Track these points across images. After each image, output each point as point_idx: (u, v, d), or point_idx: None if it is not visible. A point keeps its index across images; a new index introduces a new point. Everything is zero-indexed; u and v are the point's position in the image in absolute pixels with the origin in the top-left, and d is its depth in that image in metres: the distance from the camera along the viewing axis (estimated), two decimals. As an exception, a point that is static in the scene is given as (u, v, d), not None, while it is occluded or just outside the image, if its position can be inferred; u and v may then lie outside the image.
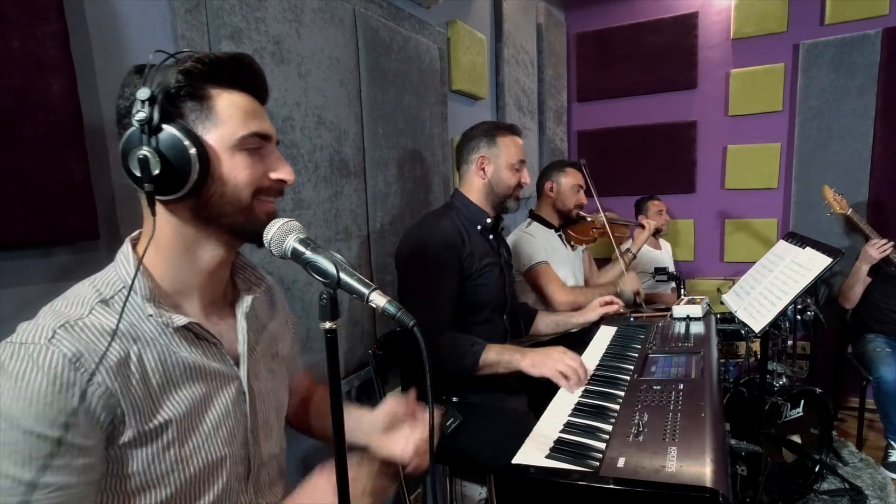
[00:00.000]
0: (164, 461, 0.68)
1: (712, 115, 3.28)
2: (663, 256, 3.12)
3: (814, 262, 1.56)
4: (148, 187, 0.64)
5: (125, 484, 0.66)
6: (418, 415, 0.88)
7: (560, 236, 2.30)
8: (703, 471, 0.82)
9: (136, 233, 0.75)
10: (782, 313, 1.59)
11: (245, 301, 0.81)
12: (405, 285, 1.51)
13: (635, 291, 2.03)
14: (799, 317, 2.40)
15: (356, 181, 1.65)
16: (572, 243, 2.34)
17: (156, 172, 0.64)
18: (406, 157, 1.90)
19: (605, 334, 1.66)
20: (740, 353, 2.43)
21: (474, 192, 1.62)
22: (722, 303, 1.89)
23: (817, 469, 2.18)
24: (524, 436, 1.01)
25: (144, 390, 0.66)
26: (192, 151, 0.65)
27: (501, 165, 1.59)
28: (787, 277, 1.62)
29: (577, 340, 1.78)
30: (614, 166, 3.48)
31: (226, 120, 0.68)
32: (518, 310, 1.83)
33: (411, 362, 1.57)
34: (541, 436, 1.02)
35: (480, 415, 1.44)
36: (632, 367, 1.32)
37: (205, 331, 0.73)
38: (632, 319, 1.80)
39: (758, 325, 1.57)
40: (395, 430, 0.87)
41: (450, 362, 1.38)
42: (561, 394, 1.24)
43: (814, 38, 2.94)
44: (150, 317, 0.68)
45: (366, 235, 1.71)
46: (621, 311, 1.83)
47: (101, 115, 1.00)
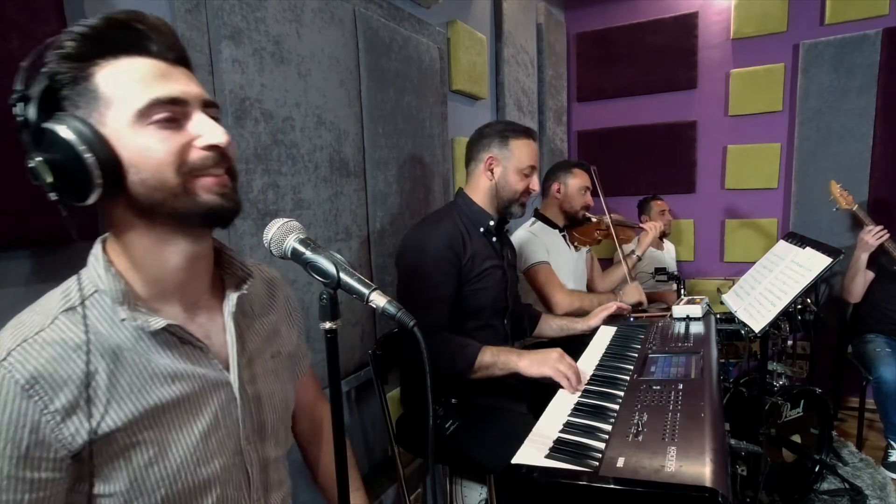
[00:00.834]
0: (149, 478, 0.63)
1: (712, 115, 3.28)
2: (665, 257, 3.12)
3: (814, 262, 1.56)
4: (53, 196, 0.57)
5: (109, 501, 0.62)
6: None
7: (564, 237, 2.30)
8: (702, 471, 0.82)
9: (107, 233, 0.69)
10: (782, 313, 1.59)
11: (231, 299, 0.74)
12: (403, 286, 1.51)
13: (636, 303, 2.00)
14: (799, 317, 2.40)
15: (356, 181, 1.65)
16: (576, 244, 2.33)
17: (50, 181, 0.56)
18: (406, 157, 1.90)
19: (604, 334, 1.66)
20: (740, 353, 2.43)
21: (479, 193, 1.59)
22: (722, 303, 1.89)
23: (817, 469, 2.18)
24: (524, 436, 1.01)
25: (117, 408, 0.61)
26: (83, 150, 0.56)
27: (510, 169, 1.56)
28: (787, 277, 1.62)
29: (577, 340, 1.78)
30: (614, 166, 3.48)
31: (116, 94, 0.58)
32: (522, 311, 1.83)
33: (411, 363, 1.57)
34: (540, 436, 1.02)
35: (480, 416, 1.44)
36: (631, 367, 1.32)
37: (188, 333, 0.67)
38: (632, 319, 1.80)
39: (758, 326, 1.57)
40: None
41: (444, 364, 1.37)
42: (561, 394, 1.24)
43: (814, 38, 2.94)
44: (122, 321, 0.62)
45: (366, 235, 1.71)
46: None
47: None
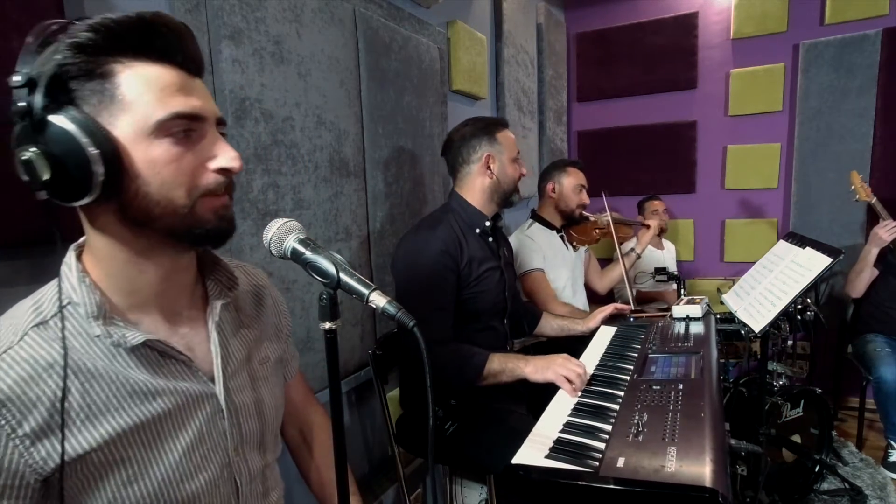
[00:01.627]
0: (128, 498, 0.59)
1: (712, 115, 3.28)
2: (665, 257, 3.12)
3: (814, 262, 1.56)
4: (42, 195, 0.53)
5: None
6: None
7: (561, 237, 2.30)
8: (702, 471, 0.82)
9: (81, 239, 0.64)
10: (782, 313, 1.59)
11: (215, 308, 0.71)
12: (401, 297, 1.48)
13: (631, 311, 1.93)
14: (799, 317, 2.40)
15: (356, 181, 1.65)
16: (574, 244, 2.33)
17: (46, 178, 0.52)
18: (406, 157, 1.90)
19: (604, 334, 1.66)
20: (740, 353, 2.43)
21: (475, 193, 1.59)
22: (722, 303, 1.88)
23: (817, 469, 2.18)
24: (524, 436, 1.01)
25: (91, 428, 0.58)
26: (88, 143, 0.52)
27: (505, 161, 1.57)
28: (787, 277, 1.62)
29: (577, 340, 1.78)
30: (614, 166, 3.48)
31: (136, 100, 0.55)
32: (521, 310, 1.83)
33: (411, 363, 1.57)
34: (540, 436, 1.02)
35: (480, 416, 1.44)
36: (631, 367, 1.32)
37: (169, 347, 0.63)
38: (632, 319, 1.80)
39: (758, 326, 1.57)
40: None
41: (453, 376, 1.36)
42: (561, 394, 1.24)
43: (814, 38, 2.94)
44: (97, 337, 0.59)
45: (366, 235, 1.71)
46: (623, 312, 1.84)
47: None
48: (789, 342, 2.49)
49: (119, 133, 0.55)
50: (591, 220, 2.31)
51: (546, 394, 1.26)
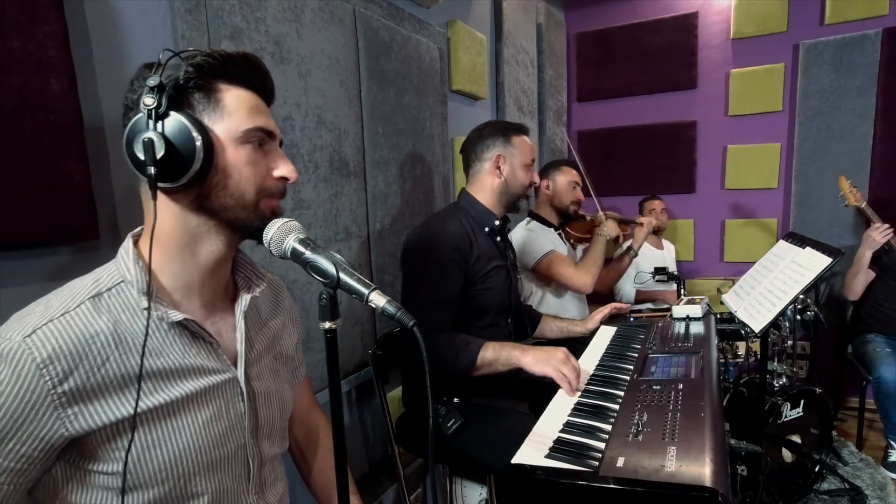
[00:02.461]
0: (152, 461, 0.67)
1: (712, 115, 3.28)
2: (665, 257, 3.12)
3: (814, 262, 1.56)
4: (151, 171, 0.64)
5: (113, 482, 0.66)
6: None
7: (560, 235, 2.31)
8: (702, 470, 0.82)
9: (137, 229, 0.74)
10: (782, 313, 1.59)
11: (244, 299, 0.79)
12: (407, 286, 1.51)
13: (631, 311, 1.97)
14: (799, 317, 2.40)
15: (356, 181, 1.65)
16: (572, 241, 2.34)
17: (160, 155, 0.64)
18: (406, 157, 1.90)
19: (604, 334, 1.66)
20: (740, 353, 2.43)
21: (485, 193, 1.60)
22: (722, 303, 1.89)
23: (817, 469, 2.18)
24: (524, 436, 1.01)
25: (123, 395, 0.65)
26: (197, 138, 0.65)
27: (517, 165, 1.59)
28: (787, 277, 1.62)
29: (577, 340, 1.78)
30: (614, 166, 3.48)
31: (232, 113, 0.69)
32: (522, 311, 1.83)
33: (411, 362, 1.57)
34: (540, 436, 1.02)
35: (481, 415, 1.44)
36: (631, 367, 1.32)
37: (202, 329, 0.72)
38: (632, 319, 1.80)
39: (758, 326, 1.57)
40: None
41: (447, 363, 1.37)
42: (561, 393, 1.24)
43: (814, 38, 2.94)
44: (144, 310, 0.67)
45: (366, 235, 1.71)
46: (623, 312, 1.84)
47: (101, 115, 1.00)
48: (789, 342, 2.49)
49: (217, 133, 0.68)
50: (588, 218, 2.33)
51: (547, 393, 1.26)
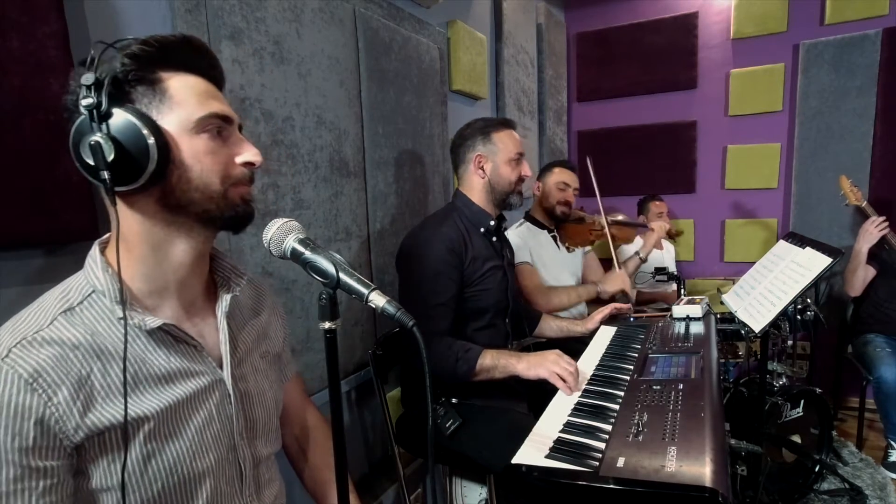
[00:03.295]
0: (147, 472, 0.65)
1: (712, 115, 3.28)
2: (665, 257, 3.12)
3: (814, 262, 1.56)
4: (104, 175, 0.60)
5: (107, 495, 0.64)
6: None
7: (554, 237, 2.28)
8: (702, 471, 0.82)
9: (105, 236, 0.71)
10: (782, 313, 1.59)
11: (224, 300, 0.77)
12: (404, 291, 1.50)
13: (619, 291, 1.97)
14: (799, 317, 2.40)
15: (356, 181, 1.65)
16: (567, 245, 2.29)
17: (110, 158, 0.60)
18: (406, 157, 1.90)
19: (604, 334, 1.66)
20: (740, 353, 2.43)
21: (476, 193, 1.59)
22: (722, 303, 1.88)
23: (817, 469, 2.18)
24: (524, 436, 1.01)
25: (111, 406, 0.63)
26: (148, 135, 0.61)
27: (500, 162, 1.56)
28: (787, 277, 1.62)
29: (577, 340, 1.78)
30: (614, 166, 3.48)
31: (181, 102, 0.65)
32: (521, 310, 1.83)
33: (410, 363, 1.57)
34: (540, 436, 1.02)
35: (480, 415, 1.44)
36: (632, 367, 1.32)
37: (182, 332, 0.69)
38: (632, 319, 1.80)
39: (758, 325, 1.57)
40: None
41: (446, 369, 1.37)
42: (561, 393, 1.24)
43: (814, 38, 2.94)
44: (120, 320, 0.65)
45: (366, 235, 1.71)
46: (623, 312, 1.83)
47: (101, 115, 1.00)
48: (789, 342, 2.49)
49: (167, 127, 0.64)
50: (587, 221, 2.28)
51: (546, 393, 1.26)
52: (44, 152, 0.89)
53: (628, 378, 1.25)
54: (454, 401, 1.48)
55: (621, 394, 1.16)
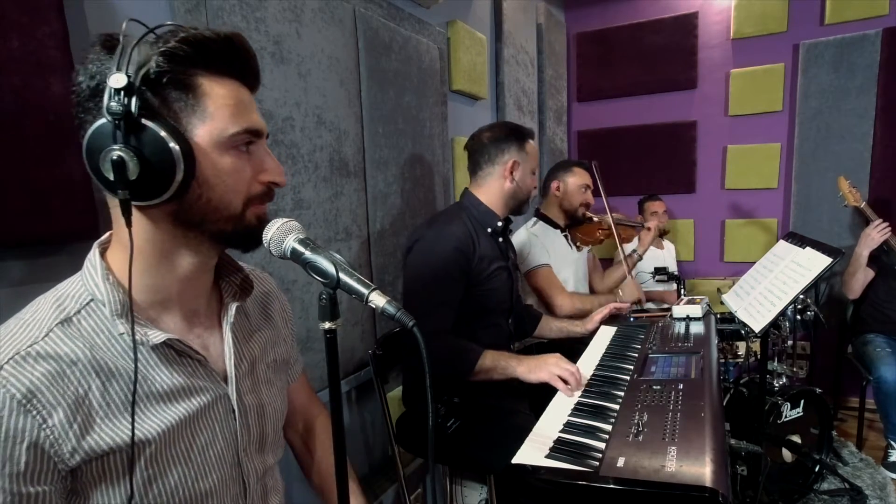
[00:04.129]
0: (148, 496, 0.62)
1: (712, 115, 3.28)
2: (665, 256, 3.12)
3: (814, 262, 1.56)
4: (123, 195, 0.55)
5: None
6: None
7: (566, 237, 2.30)
8: (702, 471, 0.82)
9: (105, 236, 0.67)
10: (782, 313, 1.59)
11: (230, 310, 0.73)
12: (409, 287, 1.51)
13: (636, 300, 2.01)
14: (799, 317, 2.40)
15: (356, 181, 1.65)
16: (578, 244, 2.32)
17: (133, 178, 0.55)
18: (406, 157, 1.90)
19: (604, 334, 1.66)
20: (740, 353, 2.43)
21: (491, 195, 1.60)
22: (722, 303, 1.89)
23: (817, 469, 2.18)
24: (524, 436, 1.01)
25: (112, 426, 0.59)
26: (177, 150, 0.56)
27: (527, 171, 1.60)
28: (787, 277, 1.62)
29: (577, 341, 1.78)
30: (614, 166, 3.47)
31: (215, 113, 0.60)
32: (523, 311, 1.83)
33: (411, 363, 1.57)
34: (541, 436, 1.02)
35: (481, 415, 1.44)
36: (632, 367, 1.32)
37: (186, 347, 0.65)
38: (632, 319, 1.80)
39: (758, 325, 1.57)
40: None
41: (446, 367, 1.38)
42: (561, 394, 1.24)
43: (814, 38, 2.94)
44: (121, 335, 0.61)
45: (366, 235, 1.71)
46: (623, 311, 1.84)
47: (101, 115, 1.00)
48: (789, 342, 2.49)
49: (196, 140, 0.59)
50: (595, 220, 2.31)
51: (547, 393, 1.26)
52: (44, 152, 0.89)
53: (628, 378, 1.25)
54: (455, 400, 1.48)
55: (621, 394, 1.16)
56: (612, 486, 0.82)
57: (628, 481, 0.82)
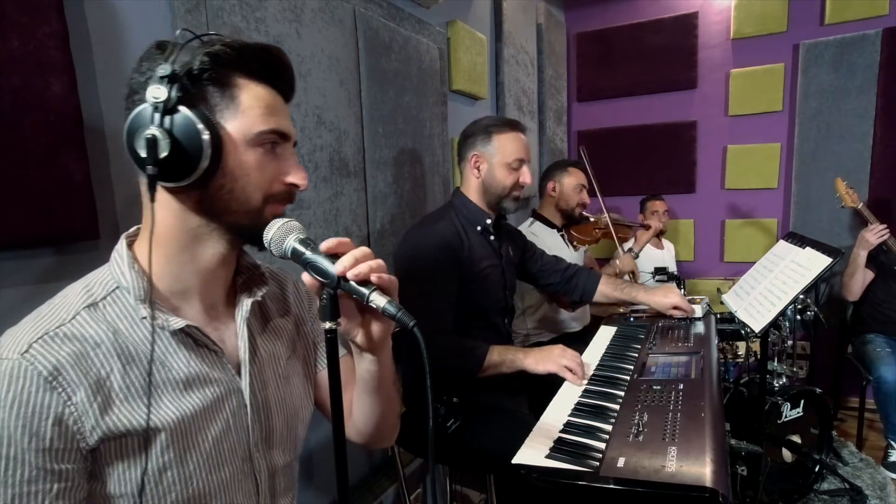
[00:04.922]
0: (162, 482, 0.64)
1: (712, 115, 3.28)
2: (665, 256, 3.12)
3: (814, 262, 1.56)
4: (151, 170, 0.59)
5: (122, 501, 0.63)
6: None
7: (562, 236, 2.30)
8: (702, 471, 0.82)
9: (133, 229, 0.71)
10: (782, 313, 1.59)
11: (244, 304, 0.75)
12: (404, 288, 1.50)
13: (630, 271, 2.02)
14: (799, 317, 2.40)
15: (356, 181, 1.65)
16: (574, 244, 2.33)
17: (163, 155, 0.59)
18: (406, 157, 1.90)
19: (605, 334, 1.66)
20: (740, 353, 2.43)
21: (472, 191, 1.60)
22: (722, 303, 1.89)
23: (817, 469, 2.18)
24: (524, 436, 1.01)
25: (130, 409, 0.62)
26: (206, 137, 0.60)
27: (496, 164, 1.54)
28: (787, 277, 1.62)
29: (577, 340, 1.78)
30: (614, 166, 3.48)
31: (246, 111, 0.64)
32: (572, 272, 1.80)
33: (411, 362, 1.57)
34: (541, 436, 1.02)
35: (481, 415, 1.44)
36: (632, 367, 1.32)
37: (205, 336, 0.68)
38: (632, 319, 1.80)
39: (758, 325, 1.57)
40: None
41: (453, 366, 1.38)
42: (561, 393, 1.24)
43: (814, 38, 2.94)
44: (143, 319, 0.64)
45: (366, 235, 1.71)
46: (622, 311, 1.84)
47: (101, 115, 1.00)
48: (789, 342, 2.49)
49: (226, 133, 0.64)
50: (592, 220, 2.32)
51: (547, 392, 1.26)
52: (44, 152, 0.89)
53: (628, 378, 1.26)
54: (455, 400, 1.48)
55: (621, 394, 1.16)
56: (612, 487, 0.82)
57: (628, 481, 0.82)
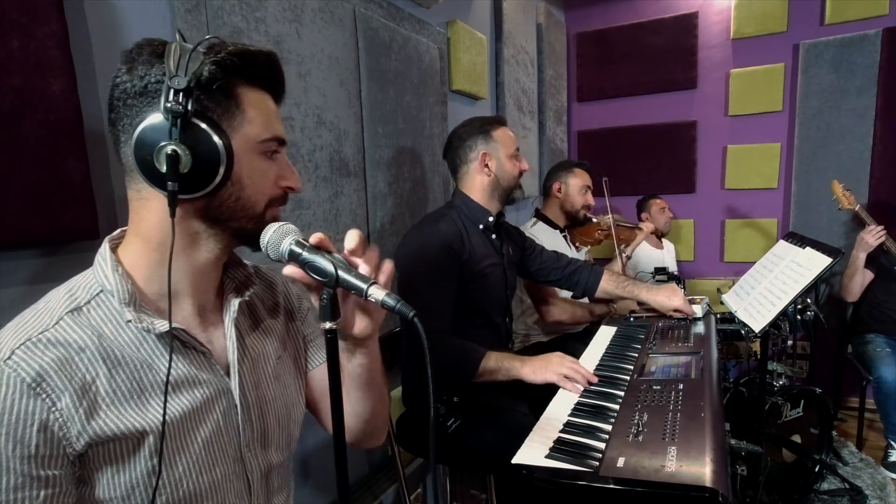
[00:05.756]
0: (151, 485, 0.63)
1: (712, 115, 3.28)
2: (664, 256, 3.12)
3: (814, 262, 1.56)
4: (172, 186, 0.59)
5: None
6: None
7: (564, 237, 2.30)
8: (702, 471, 0.82)
9: (116, 232, 0.70)
10: (782, 313, 1.59)
11: (232, 305, 0.74)
12: (404, 290, 1.51)
13: (631, 311, 1.93)
14: (799, 317, 2.40)
15: (356, 181, 1.65)
16: (577, 244, 2.33)
17: (185, 171, 0.59)
18: (406, 157, 1.90)
19: (605, 334, 1.66)
20: (740, 353, 2.43)
21: (477, 191, 1.60)
22: (722, 303, 1.88)
23: (817, 469, 2.18)
24: (524, 436, 1.01)
25: (118, 412, 0.61)
26: (222, 150, 0.61)
27: (503, 158, 1.59)
28: (787, 277, 1.62)
29: (577, 340, 1.78)
30: (614, 166, 3.47)
31: (251, 120, 0.65)
32: (575, 268, 1.79)
33: (411, 362, 1.57)
34: (541, 435, 1.02)
35: (481, 415, 1.44)
36: (632, 367, 1.32)
37: (191, 337, 0.67)
38: (632, 319, 1.80)
39: (758, 325, 1.57)
40: None
41: (450, 368, 1.38)
42: (561, 394, 1.24)
43: (814, 38, 2.94)
44: (128, 323, 0.63)
45: (366, 235, 1.71)
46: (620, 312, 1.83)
47: (101, 115, 1.00)
48: (789, 342, 2.49)
49: (235, 143, 0.64)
50: (594, 221, 2.32)
51: (547, 392, 1.26)
52: (44, 152, 0.89)
53: (628, 378, 1.26)
54: (455, 400, 1.48)
55: (621, 394, 1.16)
56: (612, 487, 0.82)
57: (628, 481, 0.82)
